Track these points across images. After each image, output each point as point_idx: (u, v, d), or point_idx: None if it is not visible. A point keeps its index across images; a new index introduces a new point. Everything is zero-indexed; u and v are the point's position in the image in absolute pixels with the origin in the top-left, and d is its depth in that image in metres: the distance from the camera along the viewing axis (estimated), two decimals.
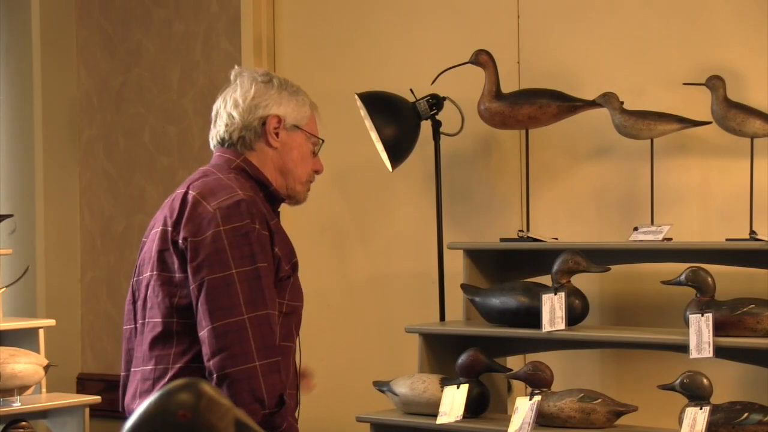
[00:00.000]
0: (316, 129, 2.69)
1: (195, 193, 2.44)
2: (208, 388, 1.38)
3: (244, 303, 2.34)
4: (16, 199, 5.21)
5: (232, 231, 2.37)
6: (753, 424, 3.29)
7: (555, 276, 3.56)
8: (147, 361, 2.43)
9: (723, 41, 3.77)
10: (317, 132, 2.69)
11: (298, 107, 2.65)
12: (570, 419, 3.49)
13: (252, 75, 2.63)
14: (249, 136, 2.57)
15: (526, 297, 3.62)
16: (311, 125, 2.67)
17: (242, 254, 2.37)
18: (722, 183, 3.77)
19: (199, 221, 2.40)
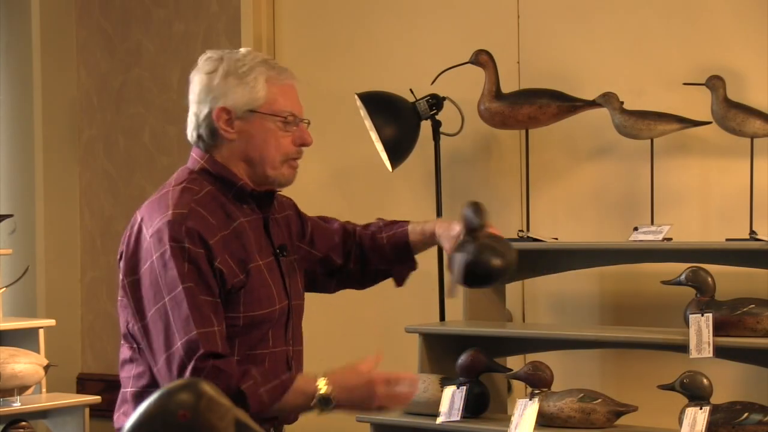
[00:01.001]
0: (282, 103, 2.45)
1: (141, 217, 2.37)
2: (208, 388, 1.38)
3: (177, 331, 2.28)
4: (16, 199, 5.21)
5: (160, 259, 2.30)
6: (753, 424, 3.28)
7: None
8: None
9: (723, 41, 3.77)
10: (285, 105, 2.45)
11: (246, 91, 2.43)
12: (570, 419, 3.49)
13: (201, 66, 2.52)
14: (205, 134, 2.43)
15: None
16: (271, 103, 2.44)
17: (168, 281, 2.29)
18: (722, 183, 3.77)
19: (137, 257, 2.34)
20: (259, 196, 2.46)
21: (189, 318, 2.27)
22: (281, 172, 2.46)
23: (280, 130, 2.46)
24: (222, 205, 2.40)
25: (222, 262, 2.32)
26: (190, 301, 2.27)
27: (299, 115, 2.49)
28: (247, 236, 2.40)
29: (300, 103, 2.50)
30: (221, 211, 2.39)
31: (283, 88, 2.47)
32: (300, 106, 2.50)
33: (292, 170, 2.49)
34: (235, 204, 2.43)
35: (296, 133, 2.49)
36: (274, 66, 2.47)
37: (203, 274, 2.29)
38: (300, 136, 2.49)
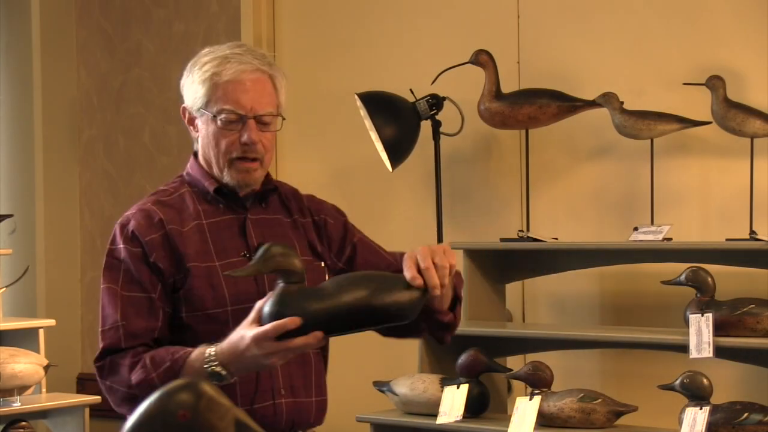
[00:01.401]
0: (222, 100, 2.35)
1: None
2: (208, 388, 1.38)
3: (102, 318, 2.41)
4: (16, 199, 5.21)
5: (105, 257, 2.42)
6: (753, 424, 3.29)
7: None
8: None
9: (723, 41, 3.77)
10: (225, 103, 2.34)
11: (193, 89, 2.38)
12: (570, 419, 3.49)
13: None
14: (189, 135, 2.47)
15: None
16: (212, 101, 2.36)
17: (105, 277, 2.39)
18: (722, 183, 3.77)
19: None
20: (228, 196, 2.41)
21: (101, 318, 2.39)
22: (229, 173, 2.38)
23: (221, 129, 2.37)
24: (186, 207, 2.40)
25: (158, 258, 2.34)
26: (105, 300, 2.37)
27: (246, 111, 2.35)
28: (203, 237, 2.37)
29: (255, 97, 2.36)
30: (185, 212, 2.40)
31: (230, 84, 2.35)
32: (252, 101, 2.35)
33: (241, 172, 2.38)
34: (209, 204, 2.41)
35: (240, 133, 2.36)
36: (230, 59, 2.36)
37: (131, 272, 2.34)
38: (239, 136, 2.36)
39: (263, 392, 2.36)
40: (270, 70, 2.41)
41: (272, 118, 2.40)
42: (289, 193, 2.53)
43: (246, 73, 2.36)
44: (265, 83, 2.40)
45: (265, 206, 2.46)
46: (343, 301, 2.16)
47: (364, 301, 2.17)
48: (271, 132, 2.41)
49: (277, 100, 2.42)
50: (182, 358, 2.25)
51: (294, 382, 2.40)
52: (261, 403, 2.36)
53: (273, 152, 2.47)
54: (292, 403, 2.39)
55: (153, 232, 2.36)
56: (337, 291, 2.17)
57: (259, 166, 2.40)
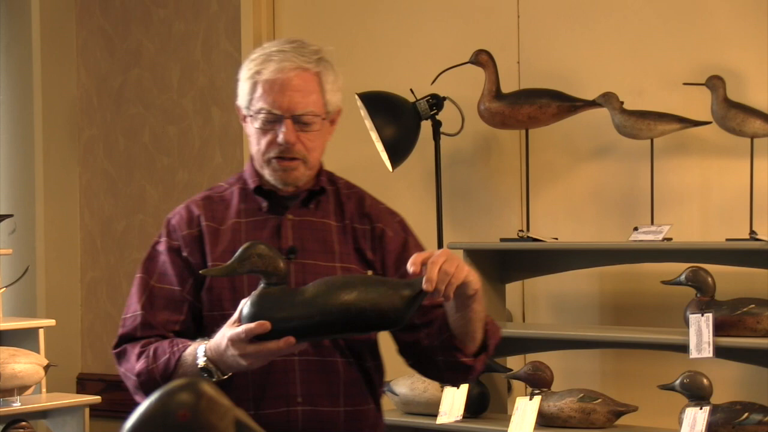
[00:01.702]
0: (258, 100, 2.33)
1: None
2: (208, 388, 1.38)
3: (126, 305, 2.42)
4: (16, 199, 5.21)
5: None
6: (753, 424, 3.29)
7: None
8: None
9: (723, 41, 3.77)
10: (260, 103, 2.32)
11: (240, 87, 2.38)
12: (570, 419, 3.49)
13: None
14: None
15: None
16: (252, 100, 2.34)
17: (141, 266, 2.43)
18: (722, 183, 3.77)
19: None
20: (270, 195, 2.38)
21: (126, 305, 2.40)
22: (269, 172, 2.35)
23: (259, 128, 2.33)
24: (230, 205, 2.39)
25: (190, 254, 2.35)
26: (133, 288, 2.39)
27: (282, 111, 2.31)
28: (236, 236, 2.35)
29: (293, 96, 2.31)
30: (228, 210, 2.38)
31: (267, 84, 2.32)
32: (289, 100, 2.30)
33: (277, 171, 2.34)
34: (252, 203, 2.39)
35: (275, 133, 2.32)
36: (272, 57, 2.33)
37: (166, 265, 2.36)
38: (276, 136, 2.31)
39: (275, 398, 2.30)
40: (316, 68, 2.34)
41: (314, 118, 2.32)
42: (350, 195, 2.45)
43: (285, 71, 2.31)
44: (309, 81, 2.32)
45: (315, 208, 2.40)
46: (318, 303, 2.10)
47: (339, 304, 2.10)
48: (313, 132, 2.33)
49: (323, 99, 2.34)
50: (179, 351, 2.25)
51: (314, 390, 2.31)
52: (271, 409, 2.29)
53: (320, 151, 2.38)
54: (310, 411, 2.31)
55: (189, 228, 2.37)
56: (316, 294, 2.11)
57: (300, 165, 2.33)
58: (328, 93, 2.36)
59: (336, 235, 2.38)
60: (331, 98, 2.37)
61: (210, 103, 4.83)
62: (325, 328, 2.12)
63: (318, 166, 2.40)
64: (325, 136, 2.39)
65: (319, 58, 2.36)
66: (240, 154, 4.70)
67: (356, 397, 2.36)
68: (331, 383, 2.33)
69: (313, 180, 2.40)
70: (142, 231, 5.04)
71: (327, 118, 2.37)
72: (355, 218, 2.42)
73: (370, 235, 2.41)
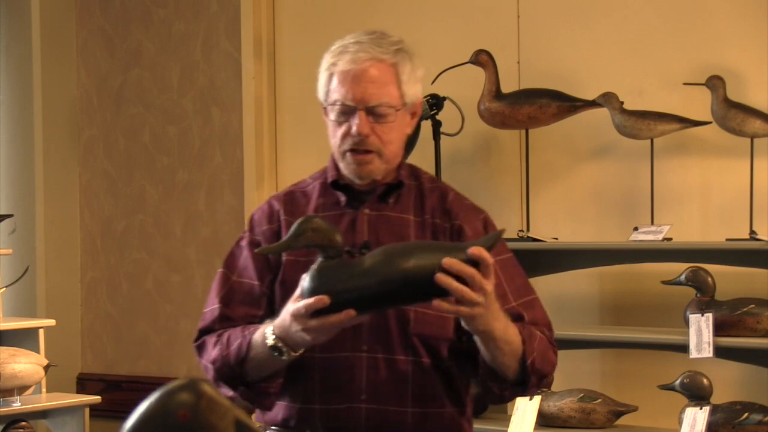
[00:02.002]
0: (332, 92, 2.30)
1: None
2: (208, 388, 1.38)
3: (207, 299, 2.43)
4: (16, 199, 5.21)
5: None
6: (753, 424, 3.29)
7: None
8: None
9: (723, 41, 3.77)
10: (334, 95, 2.29)
11: (319, 79, 2.34)
12: (570, 419, 3.49)
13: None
14: None
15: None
16: (327, 93, 2.31)
17: (224, 260, 2.42)
18: (722, 183, 3.77)
19: None
20: (347, 189, 2.34)
21: (207, 299, 2.38)
22: (344, 165, 2.30)
23: (335, 120, 2.30)
24: (310, 199, 2.37)
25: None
26: (214, 283, 2.38)
27: (356, 103, 2.26)
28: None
29: (366, 88, 2.26)
30: (307, 204, 2.36)
31: (341, 75, 2.28)
32: (362, 92, 2.26)
33: (351, 165, 2.29)
34: (330, 197, 2.36)
35: (349, 125, 2.28)
36: (348, 49, 2.28)
37: (247, 260, 2.35)
38: (349, 127, 2.27)
39: (340, 394, 2.26)
40: (392, 59, 2.29)
41: (389, 110, 2.27)
42: (433, 189, 2.40)
43: (359, 62, 2.26)
44: (384, 72, 2.28)
45: (394, 202, 2.35)
46: (377, 272, 2.05)
47: (398, 272, 2.04)
48: (387, 124, 2.28)
49: (399, 91, 2.29)
50: (250, 334, 2.22)
51: (380, 388, 2.25)
52: (338, 405, 2.26)
53: (397, 144, 2.32)
54: (375, 410, 2.26)
55: (269, 223, 2.36)
56: (374, 263, 2.06)
57: (375, 158, 2.28)
58: (405, 84, 2.31)
59: (414, 231, 2.33)
60: (408, 90, 2.31)
61: (210, 103, 4.83)
62: (386, 298, 2.07)
63: (396, 159, 2.35)
64: (403, 129, 2.33)
65: (398, 49, 2.31)
66: (240, 154, 4.70)
67: (428, 399, 2.29)
68: (399, 382, 2.27)
69: (393, 173, 2.35)
70: (142, 231, 5.04)
71: (405, 110, 2.31)
72: (436, 213, 2.36)
73: (449, 231, 2.34)
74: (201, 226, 4.85)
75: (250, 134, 4.65)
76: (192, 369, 4.81)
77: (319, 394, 2.27)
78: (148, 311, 5.00)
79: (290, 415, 2.31)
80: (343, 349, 2.25)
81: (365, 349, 2.25)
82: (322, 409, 2.27)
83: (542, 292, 4.06)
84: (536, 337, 2.27)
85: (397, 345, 2.26)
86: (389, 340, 2.26)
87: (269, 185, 4.64)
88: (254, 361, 2.22)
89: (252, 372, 2.24)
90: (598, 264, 3.83)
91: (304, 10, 4.66)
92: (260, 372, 2.24)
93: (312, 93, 2.77)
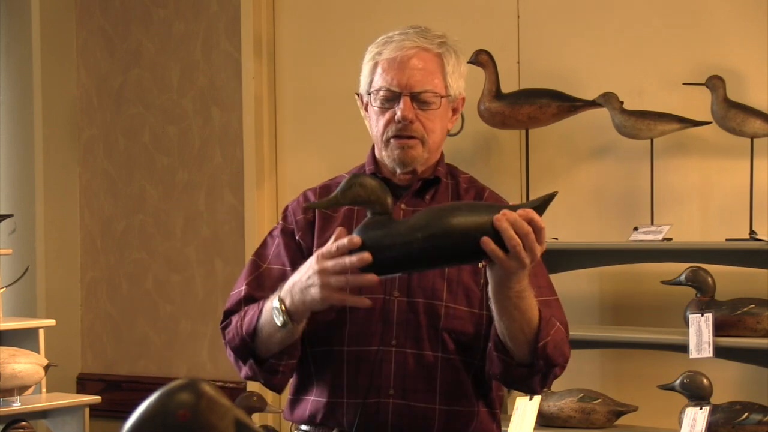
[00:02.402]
0: (376, 80, 2.30)
1: None
2: (208, 388, 1.38)
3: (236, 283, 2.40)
4: (16, 199, 5.21)
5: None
6: (753, 424, 3.29)
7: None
8: None
9: (723, 41, 3.77)
10: (378, 83, 2.29)
11: (362, 72, 2.35)
12: (570, 419, 3.49)
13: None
14: None
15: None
16: (371, 83, 2.32)
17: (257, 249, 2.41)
18: (722, 183, 3.77)
19: None
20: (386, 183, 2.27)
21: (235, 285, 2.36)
22: (387, 153, 2.30)
23: (379, 108, 2.30)
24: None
25: (302, 237, 2.33)
26: (245, 270, 2.36)
27: (401, 89, 2.26)
28: (349, 222, 2.28)
29: (412, 74, 2.26)
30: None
31: (387, 62, 2.29)
32: (408, 77, 2.26)
33: (396, 151, 2.28)
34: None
35: (392, 111, 2.27)
36: (393, 38, 2.30)
37: (280, 247, 2.34)
38: (393, 113, 2.27)
39: (368, 388, 2.24)
40: (438, 49, 2.29)
41: (434, 97, 2.27)
42: (469, 188, 2.41)
43: (405, 50, 2.27)
44: (429, 61, 2.28)
45: (430, 199, 2.35)
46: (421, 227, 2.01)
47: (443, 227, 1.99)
48: (432, 111, 2.27)
49: (444, 81, 2.29)
50: (263, 303, 2.21)
51: (408, 384, 2.24)
52: (363, 399, 2.24)
53: (440, 134, 2.33)
54: (402, 405, 2.24)
55: (303, 214, 2.35)
56: (419, 219, 2.03)
57: (418, 144, 2.28)
58: (450, 76, 2.30)
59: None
60: (452, 82, 2.31)
61: (210, 103, 4.83)
62: (432, 255, 2.02)
63: (437, 151, 2.35)
64: (445, 121, 2.33)
65: (442, 42, 2.31)
66: (240, 153, 4.70)
67: (457, 396, 2.27)
68: (428, 379, 2.25)
69: (431, 169, 2.35)
70: (142, 231, 5.04)
71: (449, 101, 2.31)
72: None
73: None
74: (201, 226, 4.86)
75: (250, 134, 4.65)
76: (192, 369, 4.82)
77: (347, 388, 2.25)
78: (148, 311, 5.00)
79: (317, 410, 2.29)
80: (372, 343, 2.24)
81: (394, 343, 2.23)
82: (349, 404, 2.25)
83: None
84: (554, 326, 2.26)
85: (426, 340, 2.24)
86: (419, 336, 2.24)
87: (269, 185, 4.64)
88: (263, 332, 2.20)
89: (261, 345, 2.22)
90: (598, 264, 3.83)
91: (304, 10, 4.66)
92: (268, 345, 2.22)
93: (312, 93, 2.78)
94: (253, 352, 2.24)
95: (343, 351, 2.25)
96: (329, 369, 2.26)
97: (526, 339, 2.19)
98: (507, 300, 2.12)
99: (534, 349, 2.19)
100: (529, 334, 2.18)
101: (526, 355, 2.20)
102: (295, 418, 2.34)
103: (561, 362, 2.29)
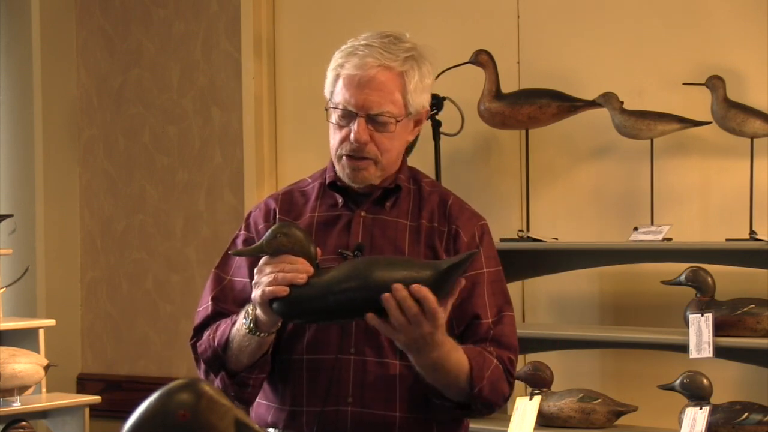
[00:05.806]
0: (336, 95, 2.26)
1: None
2: (208, 388, 1.38)
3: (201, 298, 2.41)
4: (16, 199, 5.21)
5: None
6: (753, 424, 3.29)
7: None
8: None
9: (723, 41, 3.77)
10: (337, 97, 2.25)
11: (327, 78, 2.30)
12: (570, 419, 3.49)
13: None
14: None
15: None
16: (332, 94, 2.28)
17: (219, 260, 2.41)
18: (722, 183, 3.77)
19: None
20: (345, 191, 2.32)
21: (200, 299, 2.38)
22: (339, 168, 2.29)
23: (336, 123, 2.27)
24: (309, 200, 2.35)
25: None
26: (208, 283, 2.37)
27: (357, 109, 2.23)
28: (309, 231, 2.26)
29: (369, 95, 2.22)
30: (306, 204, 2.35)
31: (347, 79, 2.24)
32: (365, 98, 2.22)
33: (347, 170, 2.27)
34: (328, 198, 2.34)
35: (347, 130, 2.25)
36: (357, 51, 2.25)
37: (239, 259, 2.32)
38: (348, 132, 2.24)
39: (326, 396, 2.23)
40: (402, 67, 2.24)
41: (389, 119, 2.24)
42: (431, 194, 2.37)
43: (366, 68, 2.22)
44: (390, 81, 2.23)
45: (391, 206, 2.32)
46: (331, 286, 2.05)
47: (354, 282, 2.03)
48: (388, 133, 2.25)
49: (402, 100, 2.25)
50: (237, 316, 2.22)
51: (367, 392, 2.23)
52: (328, 407, 2.24)
53: (396, 152, 2.30)
54: (361, 413, 2.23)
55: (265, 221, 2.33)
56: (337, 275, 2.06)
57: (371, 165, 2.26)
58: (411, 94, 2.26)
59: (407, 235, 2.30)
60: (414, 99, 2.27)
61: (210, 103, 4.83)
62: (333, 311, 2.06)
63: (394, 166, 2.32)
64: (404, 137, 2.31)
65: (408, 57, 2.26)
66: (240, 153, 4.70)
67: (418, 405, 2.26)
68: (388, 387, 2.24)
69: (392, 177, 2.33)
70: (142, 231, 5.04)
71: (407, 119, 2.28)
72: (434, 217, 2.33)
73: (446, 235, 2.31)
74: (201, 226, 4.86)
75: (250, 134, 4.65)
76: (192, 369, 4.81)
77: (306, 396, 2.25)
78: (148, 311, 5.00)
79: (279, 418, 2.29)
80: (330, 351, 2.23)
81: (353, 351, 2.23)
82: (309, 412, 2.24)
83: (542, 292, 4.09)
84: (490, 366, 2.25)
85: (387, 348, 2.23)
86: (379, 343, 2.23)
87: (269, 185, 4.64)
88: (234, 344, 2.21)
89: (232, 358, 2.22)
90: (598, 264, 3.83)
91: (304, 10, 4.66)
92: (240, 357, 2.22)
93: (312, 93, 2.78)
94: (224, 365, 2.25)
95: (302, 359, 2.25)
96: (290, 377, 2.26)
97: (459, 388, 2.21)
98: (427, 367, 2.16)
99: (469, 394, 2.22)
100: (463, 383, 2.21)
101: (463, 398, 2.23)
102: (259, 424, 2.32)
103: (500, 402, 2.33)
